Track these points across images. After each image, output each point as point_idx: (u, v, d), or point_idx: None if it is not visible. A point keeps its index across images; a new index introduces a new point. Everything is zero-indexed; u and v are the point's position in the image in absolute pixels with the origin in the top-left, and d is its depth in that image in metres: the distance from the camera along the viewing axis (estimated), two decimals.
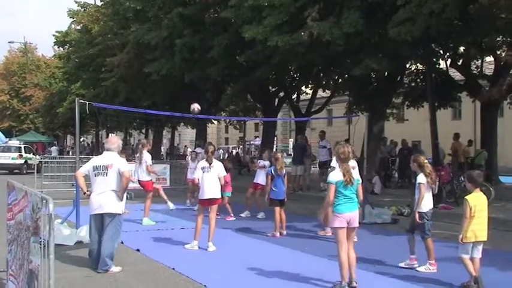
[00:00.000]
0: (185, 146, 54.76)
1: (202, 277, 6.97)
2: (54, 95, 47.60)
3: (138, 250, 8.83)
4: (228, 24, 19.24)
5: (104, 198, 7.46)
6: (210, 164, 9.03)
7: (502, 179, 21.09)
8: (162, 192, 12.76)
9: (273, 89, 25.71)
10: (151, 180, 12.08)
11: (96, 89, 34.60)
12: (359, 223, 7.18)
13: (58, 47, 46.85)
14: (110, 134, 61.82)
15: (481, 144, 20.78)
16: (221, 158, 17.90)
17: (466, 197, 6.67)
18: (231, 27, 18.71)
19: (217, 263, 8.01)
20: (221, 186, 9.14)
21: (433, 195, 7.72)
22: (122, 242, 9.46)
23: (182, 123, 46.02)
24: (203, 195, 8.98)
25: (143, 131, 50.13)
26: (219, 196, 9.13)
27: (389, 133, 34.27)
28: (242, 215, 13.13)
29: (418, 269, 7.45)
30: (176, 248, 9.13)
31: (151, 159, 12.57)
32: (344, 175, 6.41)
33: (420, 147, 22.42)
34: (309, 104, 26.48)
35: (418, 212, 7.41)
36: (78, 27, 41.77)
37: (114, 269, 7.40)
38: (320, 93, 28.61)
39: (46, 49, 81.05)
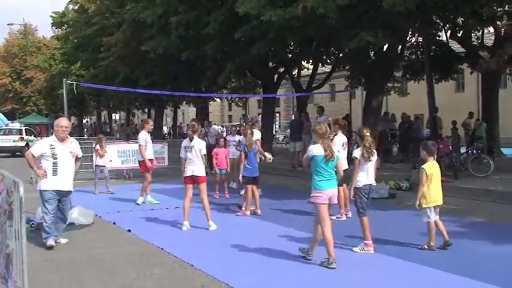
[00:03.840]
0: (187, 124, 54.72)
1: (190, 257, 6.95)
2: (54, 76, 47.41)
3: (129, 231, 8.81)
4: (224, 0, 19.01)
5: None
6: (191, 141, 8.98)
7: (504, 151, 20.93)
8: (146, 184, 12.29)
9: (272, 65, 25.46)
10: (147, 160, 11.86)
11: (95, 69, 34.45)
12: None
13: (56, 28, 46.61)
14: (113, 115, 62.09)
15: (482, 115, 20.61)
16: (219, 134, 17.84)
17: (423, 166, 7.25)
18: (227, 2, 18.47)
19: (208, 242, 7.99)
20: (212, 163, 9.07)
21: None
22: (114, 223, 9.50)
23: (185, 102, 45.87)
24: (185, 173, 9.00)
25: (146, 110, 50.05)
26: (202, 174, 8.98)
27: (392, 107, 34.28)
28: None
29: (353, 249, 7.21)
30: (168, 228, 9.12)
31: (152, 138, 12.46)
32: (325, 150, 6.42)
33: (422, 120, 22.24)
34: (310, 80, 26.21)
35: (354, 188, 7.29)
36: (75, 7, 41.48)
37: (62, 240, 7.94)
38: (321, 68, 28.35)
39: (46, 30, 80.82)
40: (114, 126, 55.45)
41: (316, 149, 6.50)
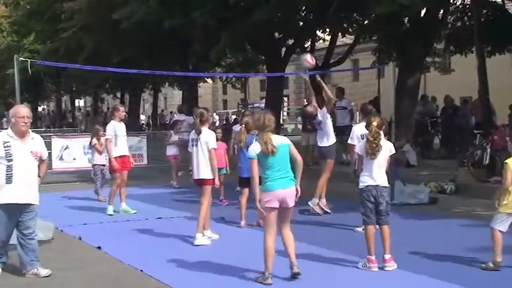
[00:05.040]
0: (172, 112, 54.62)
1: (177, 280, 6.96)
2: (1, 52, 47.31)
3: (99, 248, 8.83)
4: None
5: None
6: (198, 135, 9.09)
7: None
8: (114, 188, 12.26)
9: (279, 36, 25.36)
10: (113, 158, 11.81)
11: (53, 43, 34.33)
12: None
13: None
14: (76, 101, 62.07)
15: None
16: (213, 124, 17.86)
17: (507, 161, 7.02)
18: None
19: (198, 262, 7.94)
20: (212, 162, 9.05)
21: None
22: (80, 238, 9.50)
23: (167, 83, 45.85)
24: (193, 175, 9.26)
25: (118, 94, 50.05)
26: (208, 176, 9.06)
27: (432, 88, 34.22)
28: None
29: (358, 265, 7.47)
30: (148, 244, 9.13)
31: (126, 130, 12.44)
32: (262, 145, 6.79)
33: (468, 105, 22.16)
34: (327, 54, 26.13)
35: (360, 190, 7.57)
36: None
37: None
38: (341, 39, 28.24)
39: None
40: (78, 115, 55.48)
41: (253, 148, 6.89)
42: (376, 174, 7.45)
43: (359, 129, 9.79)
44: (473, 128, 18.44)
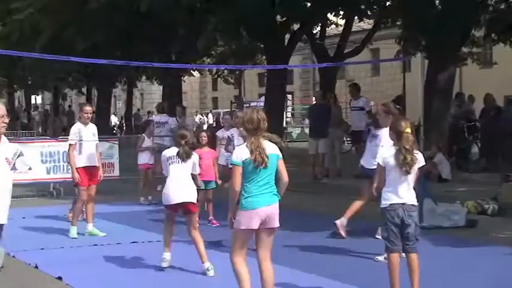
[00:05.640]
0: (149, 112, 54.70)
1: None
2: None
3: (59, 278, 8.80)
4: None
5: None
6: (185, 157, 9.24)
7: None
8: (78, 205, 12.23)
9: (282, 19, 25.43)
10: (75, 170, 11.81)
11: (5, 26, 34.37)
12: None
13: None
14: (33, 98, 62.04)
15: None
16: (198, 127, 17.91)
17: None
18: None
19: None
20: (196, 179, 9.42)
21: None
22: (36, 266, 9.46)
23: (145, 77, 45.82)
24: (169, 199, 9.24)
25: (84, 90, 50.03)
26: (195, 199, 9.31)
27: (470, 85, 34.24)
28: None
29: None
30: (120, 275, 9.09)
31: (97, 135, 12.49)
32: (252, 152, 6.76)
33: None
34: (341, 42, 26.25)
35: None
36: None
37: None
38: (358, 23, 28.35)
39: None
40: (34, 114, 55.42)
41: (239, 153, 6.88)
42: (402, 190, 7.43)
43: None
44: None
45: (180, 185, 9.19)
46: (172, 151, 9.36)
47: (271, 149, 6.92)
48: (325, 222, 12.24)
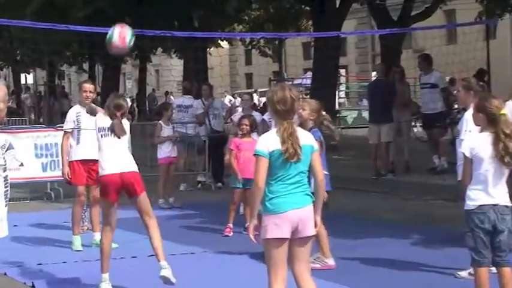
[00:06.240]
0: (168, 93, 54.90)
1: None
2: None
3: None
4: None
5: None
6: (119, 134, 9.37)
7: None
8: (77, 209, 12.21)
9: None
10: (66, 163, 11.81)
11: None
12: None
13: None
14: (22, 75, 62.57)
15: None
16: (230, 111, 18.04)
17: None
18: None
19: None
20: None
21: None
22: (33, 286, 9.45)
23: (161, 49, 45.87)
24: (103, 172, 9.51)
25: (86, 66, 50.31)
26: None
27: None
28: None
29: None
30: None
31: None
32: (284, 141, 6.60)
33: None
34: (407, 3, 26.18)
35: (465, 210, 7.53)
36: None
37: None
38: None
39: None
40: (25, 97, 55.82)
41: (265, 142, 6.73)
42: (495, 188, 7.33)
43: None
44: None
45: (117, 153, 9.38)
46: (104, 120, 9.41)
47: (305, 138, 6.83)
48: (391, 230, 12.28)
